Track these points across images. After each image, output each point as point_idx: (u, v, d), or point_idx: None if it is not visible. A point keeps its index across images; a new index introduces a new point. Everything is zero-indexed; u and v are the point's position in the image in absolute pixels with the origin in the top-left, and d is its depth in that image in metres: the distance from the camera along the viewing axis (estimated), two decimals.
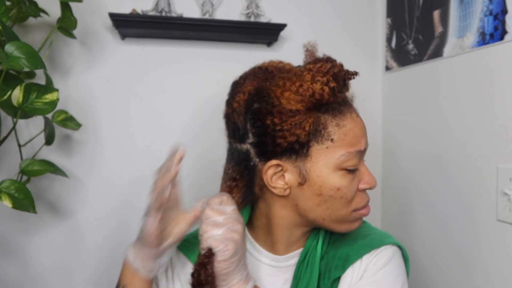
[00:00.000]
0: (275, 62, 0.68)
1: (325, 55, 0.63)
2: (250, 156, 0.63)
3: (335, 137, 0.59)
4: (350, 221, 0.64)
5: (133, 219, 1.08)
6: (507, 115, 0.82)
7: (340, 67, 0.61)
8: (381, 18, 1.24)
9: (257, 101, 0.61)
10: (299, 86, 0.58)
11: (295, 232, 0.67)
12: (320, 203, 0.61)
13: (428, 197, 1.05)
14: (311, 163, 0.60)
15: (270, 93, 0.59)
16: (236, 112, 0.63)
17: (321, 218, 0.62)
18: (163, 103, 1.09)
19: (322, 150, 0.59)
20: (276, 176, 0.61)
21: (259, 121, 0.60)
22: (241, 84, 0.65)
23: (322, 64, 0.61)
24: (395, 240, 0.67)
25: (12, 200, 0.77)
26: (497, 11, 0.83)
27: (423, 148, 1.06)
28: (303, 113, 0.58)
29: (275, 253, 0.69)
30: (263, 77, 0.64)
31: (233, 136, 0.65)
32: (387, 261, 0.64)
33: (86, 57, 1.05)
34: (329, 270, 0.65)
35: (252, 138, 0.62)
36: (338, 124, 0.60)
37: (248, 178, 0.64)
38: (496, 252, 0.85)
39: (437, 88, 1.01)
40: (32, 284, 1.03)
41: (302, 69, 0.61)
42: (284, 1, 1.16)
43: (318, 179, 0.60)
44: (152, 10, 1.04)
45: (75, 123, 0.97)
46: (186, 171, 1.12)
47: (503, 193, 0.82)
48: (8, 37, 0.76)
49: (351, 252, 0.65)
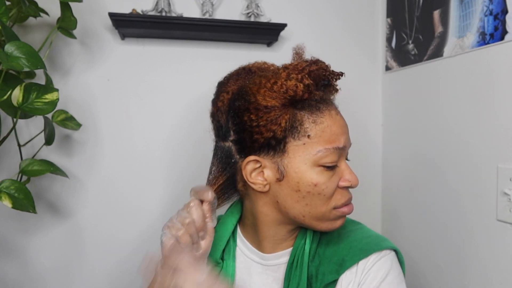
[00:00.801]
0: (259, 63, 0.70)
1: (313, 57, 0.65)
2: (231, 153, 0.65)
3: (312, 134, 0.60)
4: (331, 219, 0.64)
5: (133, 219, 1.09)
6: (507, 115, 0.82)
7: (320, 66, 0.62)
8: (381, 18, 1.24)
9: (237, 99, 0.63)
10: (274, 83, 0.59)
11: (280, 230, 0.67)
12: (299, 199, 0.62)
13: (428, 197, 1.05)
14: (289, 159, 0.61)
15: (247, 90, 0.61)
16: (220, 111, 0.66)
17: (301, 215, 0.63)
18: (163, 103, 1.09)
19: (299, 146, 0.60)
20: (256, 172, 0.63)
21: (238, 118, 0.62)
22: (225, 83, 0.68)
23: (298, 62, 0.62)
24: (391, 244, 0.66)
25: (12, 200, 0.77)
26: (497, 11, 0.83)
27: (423, 148, 1.06)
28: (279, 109, 0.59)
29: (262, 251, 0.69)
30: (245, 77, 0.66)
31: (218, 134, 0.68)
32: (387, 271, 0.63)
33: (86, 57, 1.05)
34: (322, 274, 0.65)
35: (233, 136, 0.64)
36: (315, 121, 0.60)
37: (230, 175, 0.66)
38: (496, 252, 0.85)
39: (437, 88, 1.01)
40: (32, 284, 1.03)
41: (281, 68, 0.63)
42: (284, 1, 1.16)
43: (295, 175, 0.61)
44: (152, 10, 1.04)
45: (75, 123, 0.97)
46: (186, 170, 1.12)
47: (503, 193, 0.82)
48: (8, 37, 0.76)
49: (347, 257, 0.64)
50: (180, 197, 1.11)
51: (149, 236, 1.09)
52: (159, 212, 1.10)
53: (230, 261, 0.70)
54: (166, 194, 1.10)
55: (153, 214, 1.09)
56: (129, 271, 1.08)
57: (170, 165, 1.10)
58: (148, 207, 1.09)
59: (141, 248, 1.09)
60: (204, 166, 1.12)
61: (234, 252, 0.72)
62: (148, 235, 1.09)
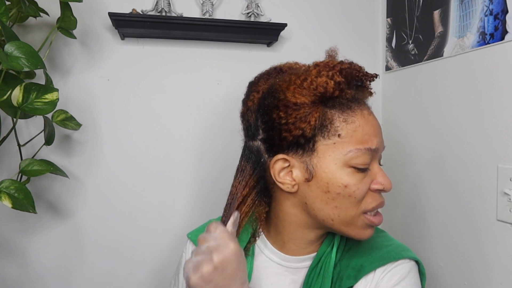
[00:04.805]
0: (290, 63, 0.68)
1: (347, 60, 0.63)
2: (260, 152, 0.63)
3: (343, 133, 0.58)
4: (360, 226, 0.61)
5: (133, 219, 1.09)
6: (507, 115, 0.82)
7: (353, 66, 0.61)
8: (381, 18, 1.24)
9: (267, 98, 0.61)
10: (303, 79, 0.58)
11: (307, 234, 0.66)
12: (328, 201, 0.59)
13: (428, 197, 1.04)
14: (318, 159, 0.59)
15: (277, 88, 0.60)
16: (250, 110, 0.64)
17: (330, 219, 0.61)
18: (163, 103, 1.09)
19: (329, 145, 0.58)
20: (284, 172, 0.61)
21: (267, 115, 0.60)
22: (256, 83, 0.66)
23: (330, 60, 0.61)
24: (413, 254, 0.65)
25: (12, 200, 0.77)
26: (497, 10, 0.83)
27: (423, 148, 1.06)
28: (308, 107, 0.58)
29: (285, 252, 0.68)
30: (276, 76, 0.65)
31: (247, 134, 0.66)
32: (402, 277, 0.62)
33: (86, 57, 1.05)
34: (340, 279, 0.63)
35: (262, 134, 0.63)
36: (346, 120, 0.58)
37: (260, 175, 0.64)
38: (496, 252, 0.85)
39: (437, 88, 1.01)
40: (32, 284, 1.03)
41: (311, 65, 0.61)
42: (284, 1, 1.16)
43: (325, 175, 0.59)
44: (152, 10, 1.04)
45: (75, 123, 0.97)
46: (186, 170, 1.12)
47: (503, 193, 0.82)
48: (8, 37, 0.76)
49: (365, 263, 0.63)
50: (180, 196, 1.11)
51: (148, 235, 1.09)
52: (158, 211, 1.10)
53: (248, 258, 0.69)
54: (165, 193, 1.10)
55: (153, 214, 1.09)
56: (128, 271, 1.08)
57: (169, 164, 1.10)
58: (148, 207, 1.09)
59: (140, 248, 1.09)
60: (204, 165, 1.13)
61: (253, 250, 0.70)
62: (147, 234, 1.09)
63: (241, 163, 0.66)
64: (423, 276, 0.66)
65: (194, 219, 1.11)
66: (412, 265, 0.64)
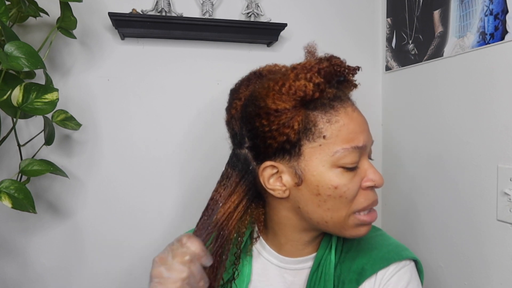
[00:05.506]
0: (270, 65, 0.68)
1: (327, 54, 0.62)
2: (248, 160, 0.63)
3: (328, 134, 0.57)
4: (353, 226, 0.61)
5: (133, 219, 1.09)
6: (507, 115, 0.82)
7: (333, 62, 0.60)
8: (381, 18, 1.24)
9: (248, 105, 0.61)
10: (282, 85, 0.57)
11: (303, 236, 0.66)
12: (320, 203, 0.59)
13: (428, 197, 1.04)
14: (305, 162, 0.58)
15: (257, 95, 0.59)
16: (234, 118, 0.64)
17: (324, 221, 0.61)
18: (163, 103, 1.09)
19: (315, 148, 0.58)
20: (273, 178, 0.61)
21: (250, 124, 0.60)
22: (237, 90, 0.65)
23: (307, 61, 0.60)
24: (411, 254, 0.65)
25: (12, 200, 0.77)
26: (497, 10, 0.83)
27: (423, 148, 1.06)
28: (290, 112, 0.57)
29: (283, 254, 0.68)
30: (256, 81, 0.64)
31: (234, 142, 0.65)
32: (406, 283, 0.62)
33: (86, 57, 1.05)
34: (342, 283, 0.64)
35: (248, 142, 0.62)
36: (329, 120, 0.58)
37: (249, 183, 0.64)
38: (496, 252, 0.85)
39: (437, 88, 1.01)
40: (32, 284, 1.03)
41: (289, 68, 0.60)
42: (284, 1, 1.16)
43: (314, 178, 0.58)
44: (152, 10, 1.04)
45: (75, 123, 0.97)
46: (185, 170, 1.12)
47: (503, 193, 0.82)
48: (8, 37, 0.76)
49: (367, 266, 0.63)
50: (180, 196, 1.11)
51: (148, 235, 1.09)
52: (158, 212, 1.10)
53: (247, 261, 0.69)
54: (165, 193, 1.10)
55: (153, 214, 1.09)
56: (128, 271, 1.08)
57: (169, 164, 1.10)
58: (148, 207, 1.09)
59: (140, 248, 1.09)
60: (203, 165, 1.13)
61: (251, 252, 0.70)
62: (147, 234, 1.09)
63: (227, 170, 0.65)
64: (421, 274, 0.66)
65: (194, 219, 1.11)
66: (412, 267, 0.65)
